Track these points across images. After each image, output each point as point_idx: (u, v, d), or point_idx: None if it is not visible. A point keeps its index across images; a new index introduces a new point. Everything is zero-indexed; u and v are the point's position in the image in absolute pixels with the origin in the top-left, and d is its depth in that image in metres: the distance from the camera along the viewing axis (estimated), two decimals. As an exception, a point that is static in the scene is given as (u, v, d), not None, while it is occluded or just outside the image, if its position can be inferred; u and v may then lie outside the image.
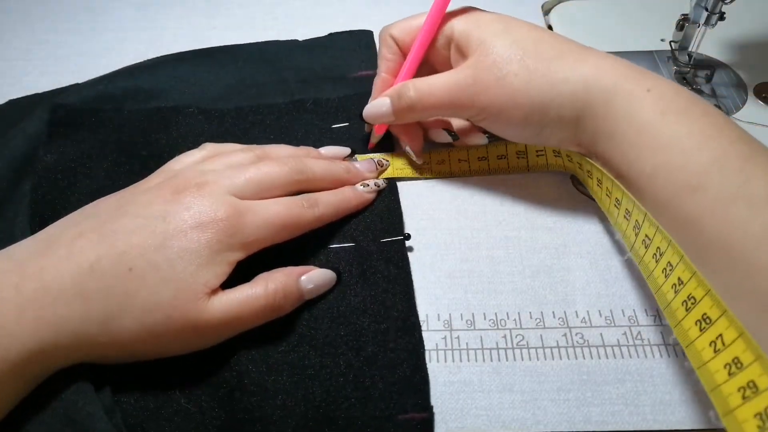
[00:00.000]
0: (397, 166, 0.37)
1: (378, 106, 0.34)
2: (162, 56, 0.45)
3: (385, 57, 0.35)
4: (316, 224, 0.31)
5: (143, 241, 0.26)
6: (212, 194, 0.28)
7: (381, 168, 0.36)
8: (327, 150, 0.36)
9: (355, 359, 0.29)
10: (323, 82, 0.43)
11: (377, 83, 0.36)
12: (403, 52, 0.35)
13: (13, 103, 0.42)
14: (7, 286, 0.24)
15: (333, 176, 0.33)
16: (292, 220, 0.30)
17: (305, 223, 0.30)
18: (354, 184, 0.34)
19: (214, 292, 0.27)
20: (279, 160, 0.32)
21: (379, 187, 0.35)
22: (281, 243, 0.30)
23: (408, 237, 0.33)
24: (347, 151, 0.36)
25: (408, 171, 0.37)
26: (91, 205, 0.29)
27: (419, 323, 0.30)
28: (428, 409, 0.27)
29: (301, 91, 0.42)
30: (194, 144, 0.35)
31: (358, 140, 0.39)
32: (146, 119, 0.40)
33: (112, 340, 0.25)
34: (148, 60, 0.45)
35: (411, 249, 0.34)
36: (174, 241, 0.26)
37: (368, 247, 0.33)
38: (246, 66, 0.44)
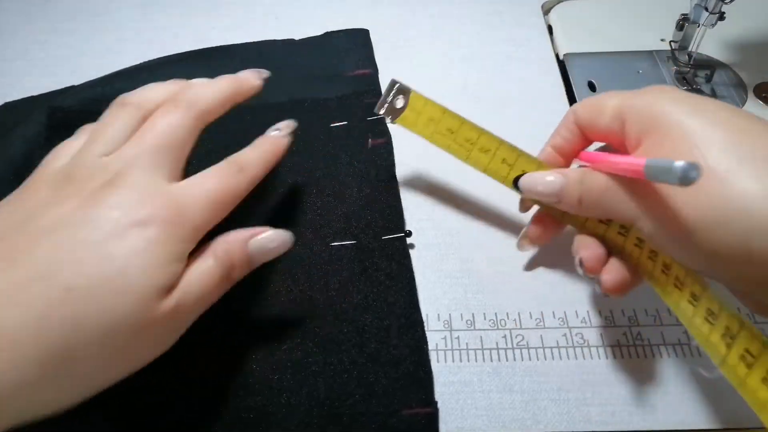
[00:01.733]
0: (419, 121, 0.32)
1: (541, 182, 0.28)
2: (159, 58, 0.45)
3: (559, 132, 0.30)
4: (250, 187, 0.27)
5: (76, 256, 0.21)
6: (137, 185, 0.23)
7: (264, 75, 0.32)
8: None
9: (358, 356, 0.29)
10: (320, 81, 0.43)
11: (540, 157, 0.31)
12: (582, 132, 0.29)
13: (9, 106, 0.42)
14: None
15: (222, 85, 0.30)
16: (230, 192, 0.26)
17: (242, 190, 0.27)
18: (246, 98, 0.31)
19: (170, 288, 0.23)
20: (167, 104, 0.27)
21: (291, 128, 0.31)
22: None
23: (409, 234, 0.33)
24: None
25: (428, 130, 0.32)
26: None
27: (422, 319, 0.30)
28: (432, 404, 0.27)
29: (299, 90, 0.42)
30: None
31: (358, 139, 0.39)
32: None
33: (69, 375, 0.21)
34: (146, 62, 0.45)
35: (412, 246, 0.34)
36: (115, 246, 0.22)
37: (369, 244, 0.33)
38: (243, 66, 0.44)
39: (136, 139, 0.26)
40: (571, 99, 0.42)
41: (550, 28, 0.48)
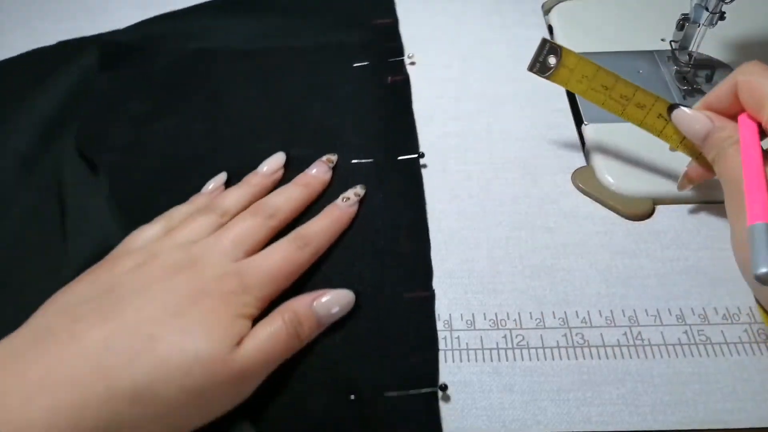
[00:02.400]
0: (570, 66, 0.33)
1: (697, 120, 0.30)
2: (197, 5, 0.50)
3: (717, 94, 0.30)
4: (314, 259, 0.31)
5: (155, 313, 0.25)
6: (208, 267, 0.28)
7: (332, 164, 0.36)
8: (267, 167, 0.36)
9: (369, 252, 0.33)
10: (344, 28, 0.47)
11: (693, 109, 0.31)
12: (740, 104, 0.29)
13: (63, 44, 0.47)
14: (10, 375, 0.22)
15: (298, 200, 0.34)
16: (292, 267, 0.30)
17: (304, 263, 0.31)
18: (317, 193, 0.35)
19: (240, 341, 0.26)
20: (247, 213, 0.32)
21: (359, 196, 0.34)
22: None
23: (422, 155, 0.37)
24: (282, 157, 0.37)
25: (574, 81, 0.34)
26: (62, 293, 0.27)
27: (427, 225, 0.34)
28: (430, 289, 0.32)
29: (324, 35, 0.46)
30: (225, 84, 0.42)
31: (378, 76, 0.42)
32: (187, 58, 0.45)
33: (148, 413, 0.23)
34: (184, 9, 0.50)
35: (425, 166, 0.37)
36: (189, 308, 0.26)
37: (386, 162, 0.37)
38: (271, 14, 0.49)
39: (216, 236, 0.30)
40: (572, 99, 0.42)
41: (550, 28, 0.48)
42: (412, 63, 0.44)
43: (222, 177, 0.36)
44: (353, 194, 0.34)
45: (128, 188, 0.37)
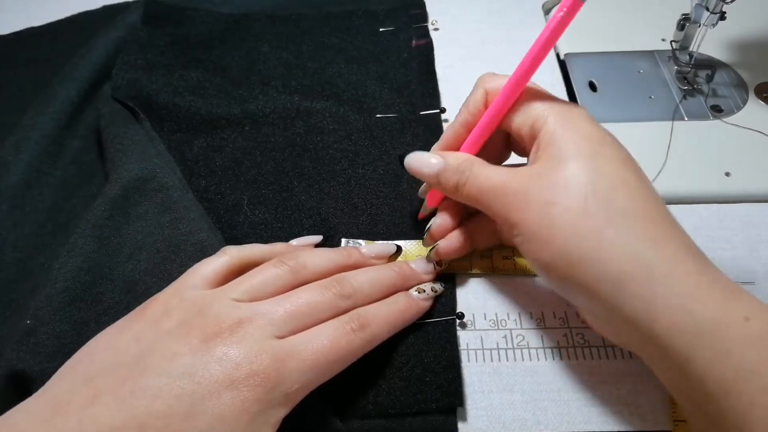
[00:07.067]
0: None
1: (424, 162, 0.29)
2: None
3: (468, 109, 0.30)
4: (367, 348, 0.26)
5: (168, 408, 0.22)
6: (248, 340, 0.24)
7: (440, 268, 0.31)
8: (370, 249, 0.31)
9: (392, 193, 0.36)
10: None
11: (448, 131, 0.31)
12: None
13: (108, 8, 0.50)
14: None
15: (384, 288, 0.29)
16: (340, 354, 0.25)
17: (355, 351, 0.26)
18: (408, 289, 0.30)
19: None
20: (320, 285, 0.27)
21: (436, 292, 0.30)
22: None
23: (443, 110, 0.40)
24: (393, 248, 0.32)
25: (464, 264, 0.32)
26: (103, 344, 0.25)
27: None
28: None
29: (354, 2, 0.49)
30: (258, 44, 0.45)
31: (403, 41, 0.46)
32: (221, 22, 0.48)
33: None
34: None
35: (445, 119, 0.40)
36: (205, 405, 0.22)
37: (409, 117, 0.40)
38: None
39: (275, 301, 0.26)
40: (572, 99, 0.42)
41: (550, 28, 0.48)
42: (436, 29, 0.47)
43: (313, 239, 0.32)
44: (430, 288, 0.30)
45: (163, 133, 0.39)
